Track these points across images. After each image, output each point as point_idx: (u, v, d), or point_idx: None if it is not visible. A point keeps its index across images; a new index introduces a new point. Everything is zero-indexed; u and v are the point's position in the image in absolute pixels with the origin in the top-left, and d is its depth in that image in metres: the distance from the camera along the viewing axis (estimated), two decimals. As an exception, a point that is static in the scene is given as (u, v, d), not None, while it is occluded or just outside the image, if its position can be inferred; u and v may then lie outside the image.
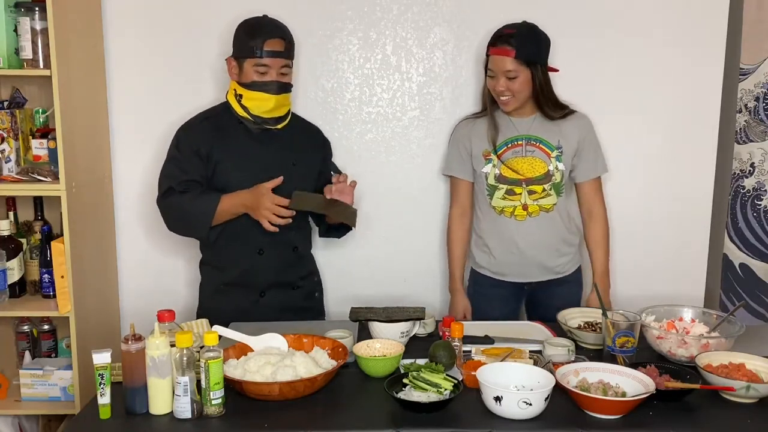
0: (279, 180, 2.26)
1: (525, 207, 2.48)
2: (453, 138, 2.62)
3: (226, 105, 2.41)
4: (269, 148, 2.38)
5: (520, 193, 2.47)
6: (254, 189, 2.28)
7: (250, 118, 2.35)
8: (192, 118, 2.44)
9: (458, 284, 2.63)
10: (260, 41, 2.27)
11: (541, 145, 2.47)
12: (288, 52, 2.33)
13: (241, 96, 2.33)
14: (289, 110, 2.42)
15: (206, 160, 2.34)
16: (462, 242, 2.62)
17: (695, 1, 2.72)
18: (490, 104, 2.50)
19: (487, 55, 2.44)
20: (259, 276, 2.41)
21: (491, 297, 2.59)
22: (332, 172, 2.46)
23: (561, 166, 2.47)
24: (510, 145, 2.48)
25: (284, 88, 2.33)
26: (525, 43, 2.37)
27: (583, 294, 2.66)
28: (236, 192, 2.31)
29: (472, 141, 2.52)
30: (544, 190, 2.47)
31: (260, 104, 2.31)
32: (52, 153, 2.46)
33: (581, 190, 2.58)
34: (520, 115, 2.50)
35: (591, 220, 2.59)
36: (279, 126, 2.39)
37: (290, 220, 2.29)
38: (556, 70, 2.50)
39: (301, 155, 2.44)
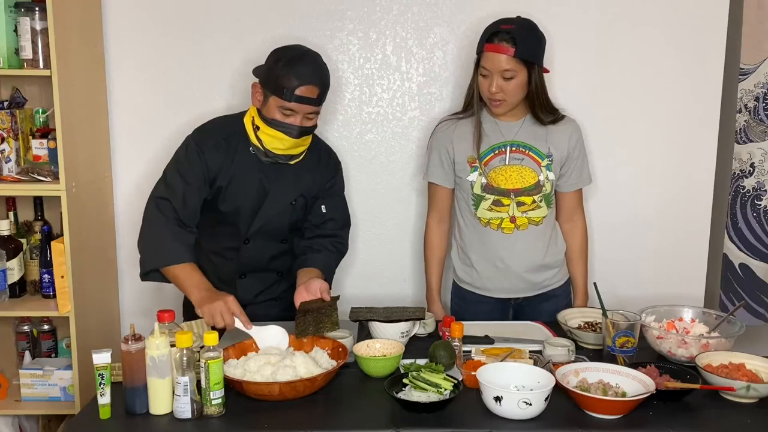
0: (250, 327, 1.98)
1: (513, 219, 2.33)
2: (433, 142, 2.42)
3: (243, 126, 2.24)
4: (272, 183, 2.24)
5: (508, 205, 2.32)
6: (221, 295, 2.01)
7: (261, 149, 2.19)
8: (210, 128, 2.27)
9: (435, 295, 2.51)
10: (294, 86, 2.07)
11: (530, 153, 2.31)
12: (320, 98, 2.15)
13: (258, 127, 2.16)
14: (305, 149, 2.25)
15: (211, 184, 2.21)
16: (440, 251, 2.50)
17: (695, 1, 2.72)
18: (477, 105, 2.32)
19: (480, 53, 2.25)
20: (237, 297, 2.18)
21: (475, 313, 2.41)
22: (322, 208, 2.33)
23: (551, 175, 2.33)
24: (496, 152, 2.31)
25: (306, 131, 2.16)
26: (525, 41, 2.18)
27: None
28: (203, 280, 2.09)
29: (455, 146, 2.34)
30: (533, 201, 2.32)
31: (276, 142, 2.16)
32: (52, 153, 2.46)
33: (563, 200, 2.44)
34: (508, 119, 2.33)
35: (572, 232, 2.47)
36: (291, 162, 2.23)
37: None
38: (548, 71, 2.32)
39: (303, 193, 2.30)
